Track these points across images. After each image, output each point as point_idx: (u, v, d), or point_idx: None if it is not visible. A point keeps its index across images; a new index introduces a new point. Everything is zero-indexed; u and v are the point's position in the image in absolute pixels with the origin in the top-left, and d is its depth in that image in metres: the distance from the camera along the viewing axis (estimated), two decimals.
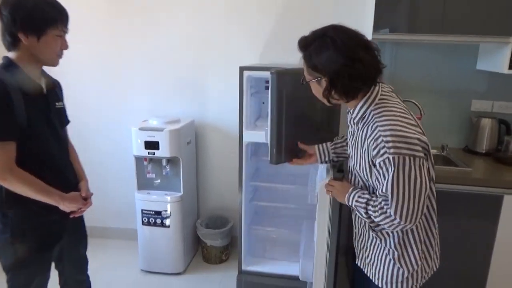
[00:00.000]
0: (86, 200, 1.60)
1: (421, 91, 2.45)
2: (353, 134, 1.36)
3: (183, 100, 2.74)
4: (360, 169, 1.32)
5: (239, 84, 2.08)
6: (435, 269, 1.41)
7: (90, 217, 2.93)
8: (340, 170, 1.61)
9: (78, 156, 1.75)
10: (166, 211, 2.49)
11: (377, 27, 2.05)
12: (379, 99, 1.26)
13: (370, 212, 1.27)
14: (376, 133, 1.18)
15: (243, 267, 2.36)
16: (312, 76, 1.28)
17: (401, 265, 1.33)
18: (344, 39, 1.20)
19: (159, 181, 2.56)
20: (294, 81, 1.62)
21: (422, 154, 1.15)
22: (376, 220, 1.25)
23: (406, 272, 1.33)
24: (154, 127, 2.40)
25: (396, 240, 1.32)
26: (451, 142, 2.49)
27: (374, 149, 1.19)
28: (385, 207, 1.21)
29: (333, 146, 1.64)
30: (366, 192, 1.33)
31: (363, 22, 2.40)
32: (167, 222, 2.50)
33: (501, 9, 1.95)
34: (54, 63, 1.46)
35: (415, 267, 1.33)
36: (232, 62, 2.59)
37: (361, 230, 1.45)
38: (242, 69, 2.06)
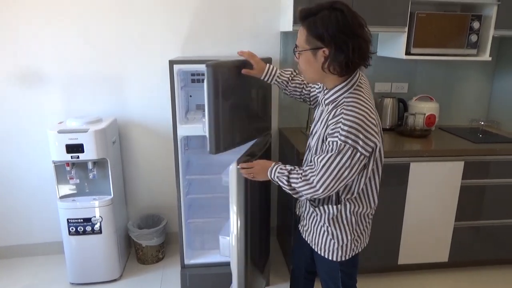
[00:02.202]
0: None
1: None
2: (321, 113, 1.44)
3: (100, 98, 2.56)
4: (314, 145, 1.44)
5: (170, 79, 2.04)
6: (365, 245, 1.59)
7: (7, 236, 2.65)
8: (249, 154, 1.74)
9: None
10: (95, 217, 2.34)
11: (296, 20, 2.19)
12: (355, 88, 1.33)
13: (292, 180, 1.40)
14: (339, 119, 1.29)
15: (186, 262, 2.36)
16: (310, 45, 1.29)
17: (332, 237, 1.50)
18: (352, 14, 1.25)
19: (85, 185, 2.39)
20: (229, 72, 1.73)
21: (364, 152, 1.27)
22: (296, 186, 1.39)
23: (336, 243, 1.50)
24: (75, 128, 2.22)
25: (330, 216, 1.47)
26: None
27: (331, 129, 1.30)
28: (309, 175, 1.35)
29: (280, 73, 1.71)
30: (287, 165, 1.46)
31: (279, 15, 2.54)
32: (99, 228, 2.35)
33: (397, 3, 2.26)
34: None
35: (345, 241, 1.49)
36: (153, 56, 2.52)
37: (303, 203, 1.61)
38: (172, 63, 2.02)
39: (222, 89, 1.68)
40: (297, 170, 1.41)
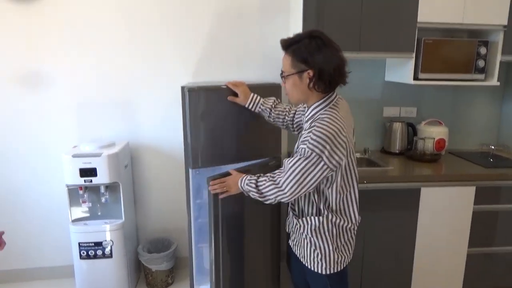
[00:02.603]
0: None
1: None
2: (304, 130, 1.56)
3: (113, 122, 2.62)
4: None
5: (182, 104, 2.09)
6: (349, 260, 1.65)
7: (18, 259, 2.67)
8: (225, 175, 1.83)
9: None
10: (106, 240, 2.36)
11: None
12: (330, 107, 1.48)
13: (259, 183, 1.54)
14: (311, 129, 1.41)
15: (195, 287, 2.34)
16: (296, 68, 1.46)
17: (315, 247, 1.58)
18: (328, 40, 1.44)
19: (97, 209, 2.41)
20: (208, 97, 1.97)
21: (328, 163, 1.39)
22: (263, 188, 1.53)
23: (320, 254, 1.58)
24: (89, 152, 2.27)
25: (313, 228, 1.56)
26: (370, 145, 2.82)
27: (304, 137, 1.43)
28: (277, 176, 1.49)
29: (263, 101, 1.89)
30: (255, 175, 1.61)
31: None
32: (109, 252, 2.36)
33: (404, 30, 2.31)
34: None
35: (327, 251, 1.57)
36: (165, 82, 2.59)
37: (291, 218, 1.70)
38: (184, 89, 2.08)
39: (200, 111, 1.95)
40: (263, 176, 1.56)
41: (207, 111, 1.97)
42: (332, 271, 1.59)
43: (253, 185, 1.56)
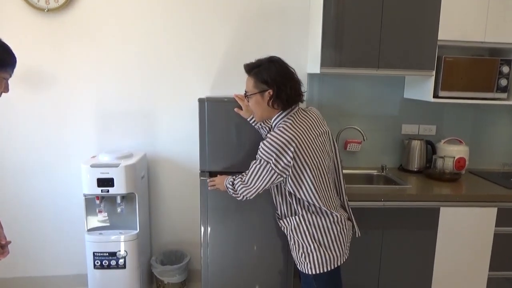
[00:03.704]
0: (3, 248, 1.51)
1: (360, 118, 2.72)
2: None
3: (132, 133, 2.65)
4: None
5: (199, 116, 2.11)
6: (339, 262, 1.77)
7: (32, 267, 2.70)
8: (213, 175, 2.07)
9: None
10: (120, 251, 2.36)
11: (324, 62, 2.25)
12: (288, 117, 1.69)
13: (235, 182, 1.81)
14: (266, 138, 1.65)
15: None
16: (258, 89, 1.68)
17: (299, 246, 1.77)
18: (285, 65, 1.71)
19: (113, 219, 2.43)
20: (219, 107, 2.12)
21: (275, 168, 1.62)
22: (237, 185, 1.80)
23: (304, 254, 1.76)
24: (107, 163, 2.29)
25: (293, 227, 1.78)
26: (388, 162, 2.78)
27: (260, 145, 1.67)
28: (244, 176, 1.76)
29: (263, 122, 2.05)
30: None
31: (306, 58, 2.62)
32: (123, 263, 2.36)
33: (425, 48, 2.29)
34: None
35: (310, 249, 1.74)
36: (184, 94, 2.62)
37: (281, 224, 1.89)
38: (201, 101, 2.11)
39: (210, 120, 2.11)
40: (237, 177, 1.82)
41: (223, 121, 2.12)
42: (318, 271, 1.73)
43: (231, 183, 1.84)
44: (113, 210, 2.41)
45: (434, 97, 2.38)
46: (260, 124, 2.02)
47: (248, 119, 2.06)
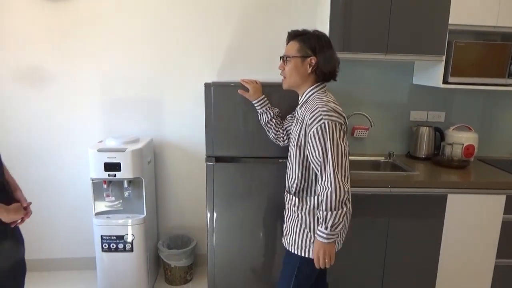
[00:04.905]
0: (26, 209, 1.72)
1: (368, 105, 2.69)
2: (296, 118, 1.72)
3: (138, 118, 2.66)
4: (296, 144, 1.66)
5: (205, 101, 2.11)
6: (340, 247, 1.73)
7: (42, 249, 2.76)
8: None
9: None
10: (127, 234, 2.39)
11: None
12: (322, 91, 1.67)
13: (327, 224, 1.52)
14: (315, 109, 1.56)
15: (213, 285, 2.34)
16: (301, 53, 1.64)
17: (310, 229, 1.66)
18: (330, 40, 1.68)
19: (120, 203, 2.45)
20: (224, 92, 2.11)
21: (343, 125, 1.56)
22: (331, 220, 1.52)
23: (305, 236, 1.67)
24: (114, 147, 2.31)
25: (310, 207, 1.66)
26: (395, 149, 2.76)
27: (310, 118, 1.55)
28: (321, 192, 1.52)
29: (270, 106, 2.03)
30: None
31: None
32: (130, 246, 2.40)
33: (435, 32, 2.25)
34: None
35: (312, 232, 1.65)
36: (190, 81, 2.61)
37: (285, 210, 1.82)
38: (207, 86, 2.10)
39: (216, 105, 2.10)
40: (319, 211, 1.57)
41: (229, 106, 2.10)
42: (309, 255, 1.66)
43: (326, 229, 1.52)
44: (120, 194, 2.44)
45: (443, 83, 2.34)
46: (266, 109, 2.00)
47: (253, 102, 2.04)
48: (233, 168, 2.20)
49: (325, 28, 2.26)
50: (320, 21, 2.42)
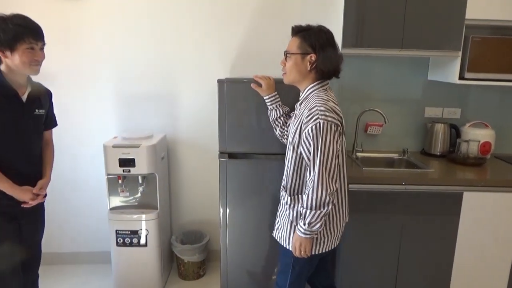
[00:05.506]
0: (38, 195, 1.80)
1: (382, 101, 2.66)
2: (295, 114, 1.72)
3: (152, 114, 2.69)
4: (291, 141, 1.67)
5: (218, 97, 2.12)
6: (333, 246, 1.74)
7: (58, 242, 2.81)
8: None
9: (53, 158, 2.02)
10: (141, 229, 2.42)
11: (345, 43, 2.21)
12: (323, 89, 1.65)
13: (306, 220, 1.56)
14: (313, 107, 1.55)
15: (226, 281, 2.36)
16: (301, 50, 1.63)
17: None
18: (333, 37, 1.65)
19: (134, 199, 2.49)
20: (237, 89, 2.11)
21: (338, 125, 1.54)
22: (310, 217, 1.55)
23: None
24: (129, 143, 2.34)
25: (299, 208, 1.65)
26: (410, 146, 2.72)
27: (307, 116, 1.55)
28: (307, 190, 1.55)
29: (281, 103, 2.01)
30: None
31: None
32: (144, 241, 2.43)
33: (451, 27, 2.21)
34: (32, 72, 1.70)
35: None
36: (204, 77, 2.63)
37: (279, 205, 1.83)
38: (220, 82, 2.11)
39: (229, 101, 2.11)
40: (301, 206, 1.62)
41: (242, 102, 2.11)
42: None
43: (304, 225, 1.57)
44: (134, 190, 2.47)
45: (459, 79, 2.30)
46: (276, 105, 1.99)
47: (265, 97, 2.02)
48: (246, 164, 2.21)
49: (339, 23, 2.24)
50: (334, 16, 2.40)
